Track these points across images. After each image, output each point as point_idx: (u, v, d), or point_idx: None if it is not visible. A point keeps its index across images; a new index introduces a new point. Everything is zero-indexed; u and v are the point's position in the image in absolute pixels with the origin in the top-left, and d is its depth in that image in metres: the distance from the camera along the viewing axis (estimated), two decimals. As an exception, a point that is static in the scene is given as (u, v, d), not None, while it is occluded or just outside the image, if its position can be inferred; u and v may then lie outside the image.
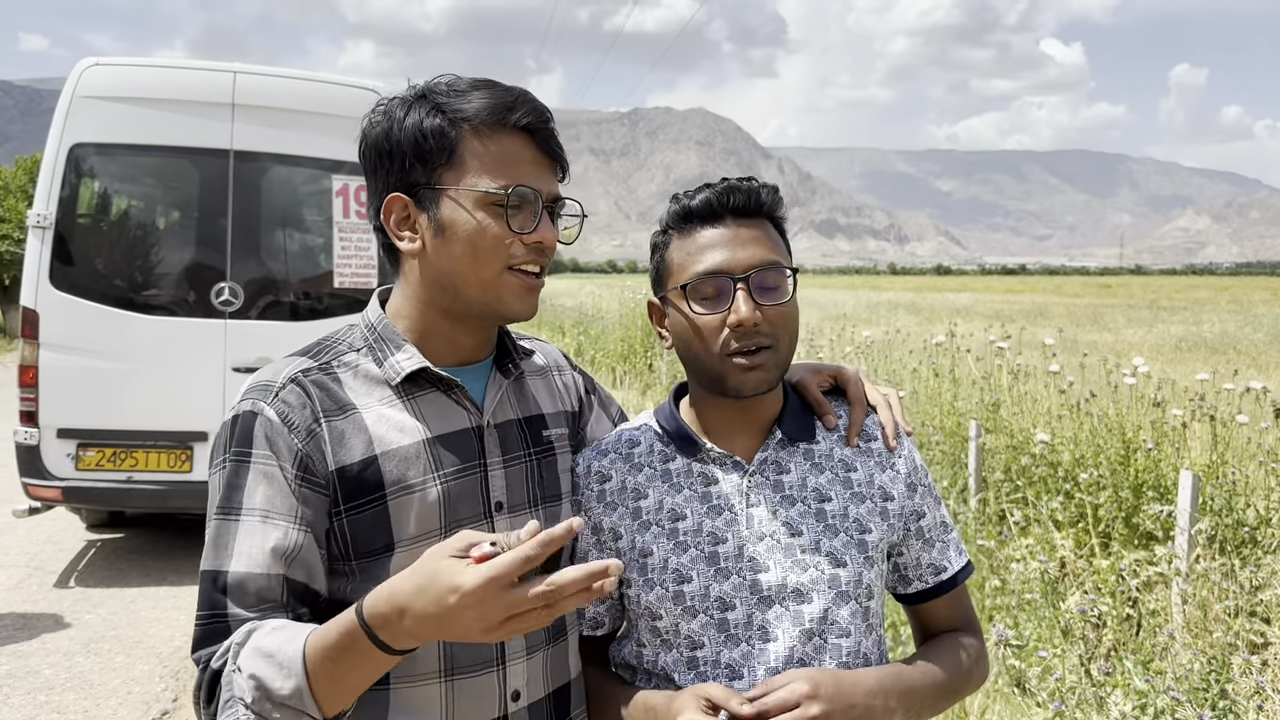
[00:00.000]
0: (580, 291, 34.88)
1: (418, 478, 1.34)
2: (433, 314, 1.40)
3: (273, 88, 6.03)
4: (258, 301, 6.02)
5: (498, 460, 1.42)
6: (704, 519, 1.43)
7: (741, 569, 1.40)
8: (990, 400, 7.19)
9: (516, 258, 1.33)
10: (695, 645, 1.40)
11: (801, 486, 1.44)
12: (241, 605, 1.24)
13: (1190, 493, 4.41)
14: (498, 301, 1.35)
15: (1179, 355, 16.68)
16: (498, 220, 1.32)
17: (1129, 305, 38.98)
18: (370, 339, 1.42)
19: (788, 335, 1.41)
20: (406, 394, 1.38)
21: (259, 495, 1.28)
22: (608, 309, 22.41)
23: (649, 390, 14.31)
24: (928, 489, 1.52)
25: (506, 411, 1.47)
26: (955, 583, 1.51)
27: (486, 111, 1.33)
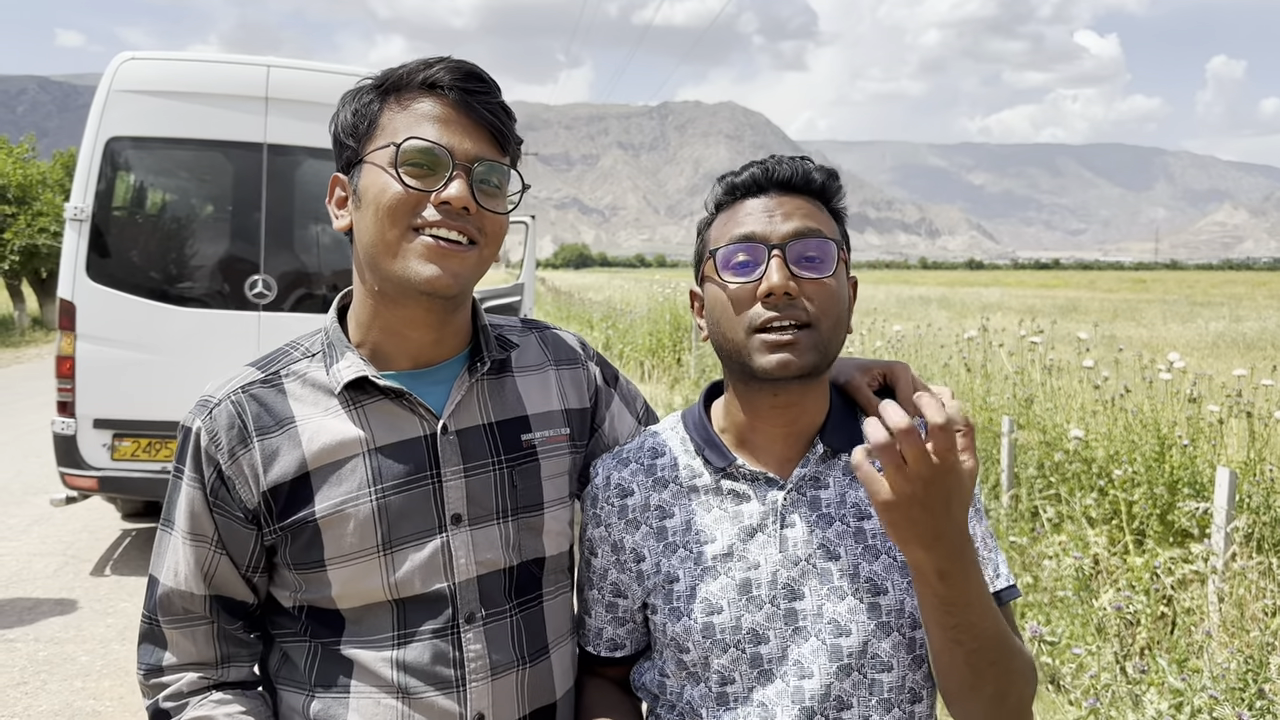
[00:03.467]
0: (608, 285, 34.94)
1: (350, 493, 1.28)
2: (373, 303, 1.32)
3: (305, 81, 6.07)
4: (291, 294, 6.07)
5: (456, 469, 1.32)
6: (735, 542, 1.29)
7: (775, 597, 1.26)
8: (1023, 396, 7.12)
9: (425, 220, 1.24)
10: (725, 680, 1.28)
11: (840, 503, 1.30)
12: (169, 616, 1.31)
13: (1227, 490, 4.35)
14: (405, 269, 1.24)
15: (1216, 351, 16.44)
16: (396, 179, 1.24)
17: (1164, 300, 38.47)
18: (324, 344, 1.36)
19: (831, 316, 1.25)
20: (353, 402, 1.31)
21: (184, 514, 1.30)
22: (636, 303, 22.41)
23: (677, 385, 14.30)
24: (976, 510, 1.34)
25: (472, 416, 1.36)
26: (999, 602, 1.32)
27: (406, 75, 1.28)
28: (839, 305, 1.27)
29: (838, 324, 1.27)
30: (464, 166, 1.25)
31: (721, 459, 1.33)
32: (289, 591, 1.32)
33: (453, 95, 1.27)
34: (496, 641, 1.33)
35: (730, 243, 1.27)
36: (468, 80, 1.27)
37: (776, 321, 1.22)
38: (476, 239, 1.27)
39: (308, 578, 1.29)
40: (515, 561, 1.35)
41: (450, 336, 1.36)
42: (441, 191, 1.23)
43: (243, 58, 6.10)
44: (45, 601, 5.73)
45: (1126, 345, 12.60)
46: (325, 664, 1.31)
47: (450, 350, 1.37)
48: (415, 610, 1.29)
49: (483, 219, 1.27)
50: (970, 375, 8.17)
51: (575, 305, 28.02)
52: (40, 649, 5.04)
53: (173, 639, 1.31)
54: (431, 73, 1.27)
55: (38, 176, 23.40)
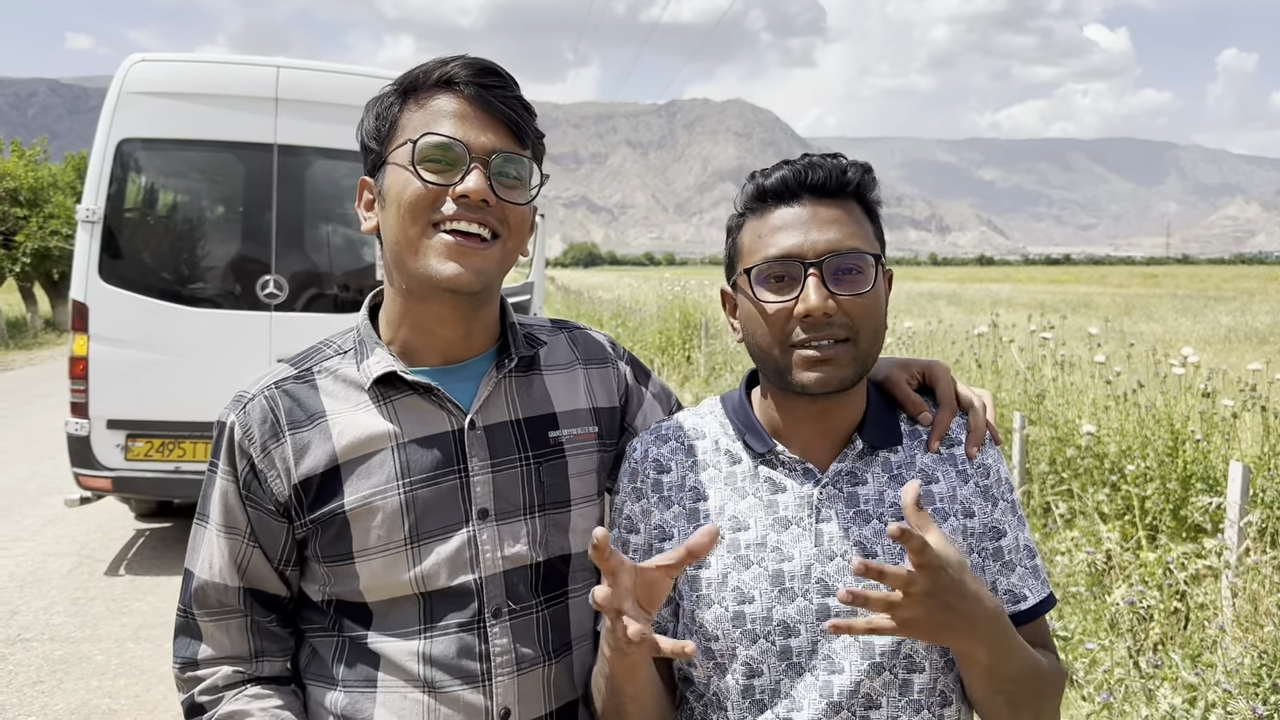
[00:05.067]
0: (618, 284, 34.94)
1: (379, 486, 1.30)
2: (402, 300, 1.34)
3: (315, 82, 6.09)
4: (302, 294, 6.10)
5: (484, 464, 1.33)
6: (769, 532, 1.28)
7: (808, 591, 1.24)
8: (1034, 391, 7.10)
9: (444, 215, 1.25)
10: (752, 673, 1.25)
11: (878, 501, 1.28)
12: (204, 609, 1.33)
13: (1241, 484, 4.33)
14: (427, 266, 1.25)
15: (1228, 346, 16.36)
16: (415, 175, 1.25)
17: (1176, 295, 38.30)
18: (356, 341, 1.39)
19: (870, 329, 1.24)
20: (382, 397, 1.33)
21: (219, 507, 1.33)
22: (645, 301, 22.41)
23: (687, 382, 14.30)
24: (1010, 506, 1.33)
25: (500, 412, 1.37)
26: (1035, 614, 1.31)
27: (423, 76, 1.30)
28: (877, 316, 1.26)
29: (876, 334, 1.26)
30: (481, 159, 1.25)
31: (762, 444, 1.32)
32: (318, 585, 1.34)
33: (468, 90, 1.28)
34: (523, 636, 1.33)
35: (765, 261, 1.24)
36: (482, 75, 1.28)
37: (814, 341, 1.22)
38: (499, 231, 1.28)
39: (336, 570, 1.31)
40: (541, 557, 1.36)
41: (478, 333, 1.37)
42: (459, 185, 1.24)
43: (252, 59, 6.12)
44: (60, 601, 5.77)
45: (1138, 340, 12.55)
46: (353, 658, 1.33)
47: (479, 347, 1.38)
48: (441, 604, 1.31)
49: (504, 211, 1.27)
50: (981, 371, 8.15)
51: (585, 304, 28.03)
52: (56, 648, 5.07)
53: (208, 631, 1.33)
54: (447, 70, 1.28)
55: (49, 179, 23.54)
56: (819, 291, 1.21)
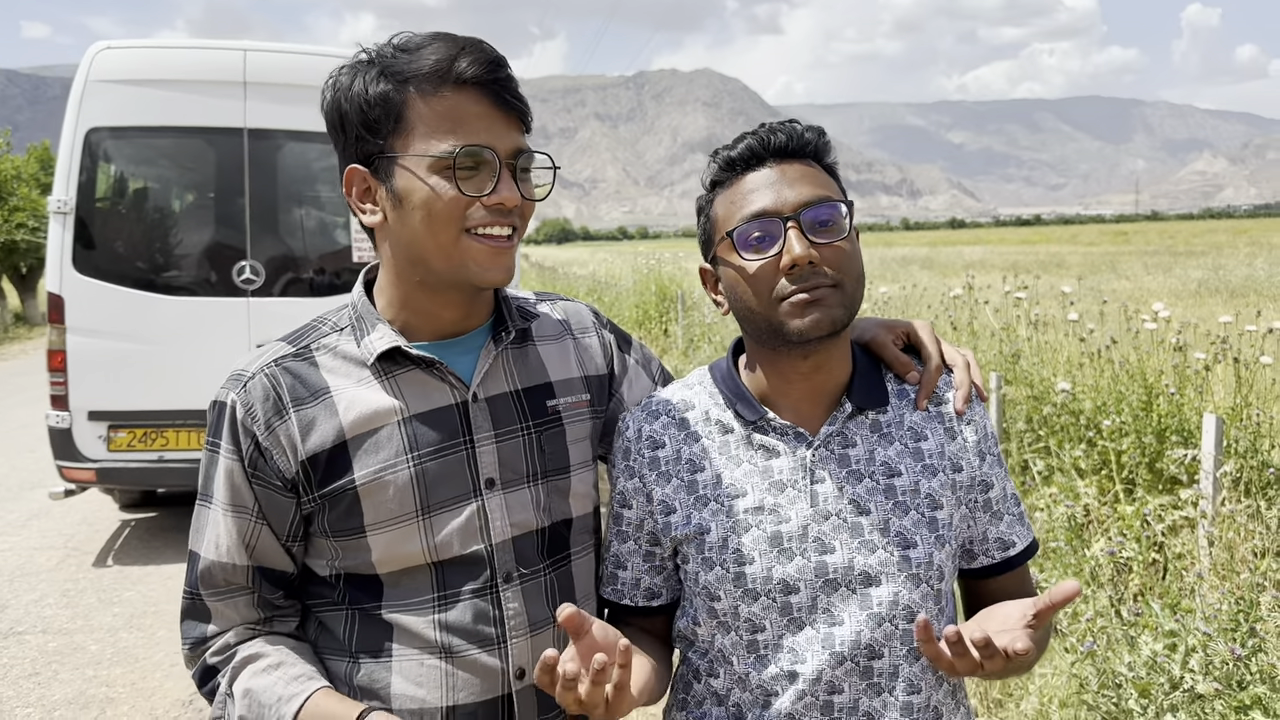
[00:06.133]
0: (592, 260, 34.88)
1: (388, 460, 1.31)
2: (408, 287, 1.34)
3: (282, 64, 6.04)
4: (279, 279, 6.07)
5: (488, 435, 1.36)
6: (765, 496, 1.32)
7: (806, 550, 1.29)
8: (1010, 351, 7.19)
9: (476, 221, 1.26)
10: (756, 629, 1.31)
11: (869, 460, 1.33)
12: (211, 589, 1.34)
13: (1214, 436, 4.42)
14: (463, 269, 1.28)
15: (1199, 299, 16.58)
16: (450, 184, 1.24)
17: (1146, 252, 38.66)
18: (353, 318, 1.39)
19: (852, 275, 1.29)
20: (385, 373, 1.34)
21: (224, 486, 1.32)
22: (620, 276, 22.39)
23: (665, 355, 14.34)
24: (996, 459, 1.39)
25: (499, 383, 1.40)
26: (1023, 559, 1.40)
27: (429, 69, 1.25)
28: (857, 262, 1.31)
29: (859, 280, 1.31)
30: (509, 164, 1.27)
31: (753, 412, 1.36)
32: (325, 560, 1.36)
33: (484, 91, 1.27)
34: (533, 599, 1.37)
35: (743, 221, 1.29)
36: (496, 70, 1.27)
37: (805, 288, 1.26)
38: (518, 226, 1.31)
39: (346, 544, 1.33)
40: (546, 523, 1.40)
41: (477, 309, 1.40)
42: (493, 194, 1.26)
43: (219, 43, 6.06)
44: (51, 594, 5.76)
45: (1110, 297, 12.70)
46: (365, 630, 1.35)
47: (476, 322, 1.41)
48: (454, 572, 1.34)
49: (523, 208, 1.30)
50: (957, 333, 8.23)
51: (561, 280, 27.97)
52: (49, 640, 5.07)
53: (216, 610, 1.34)
54: (463, 68, 1.25)
55: (12, 171, 23.15)
56: (801, 241, 1.26)
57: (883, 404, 1.36)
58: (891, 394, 1.39)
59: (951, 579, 1.36)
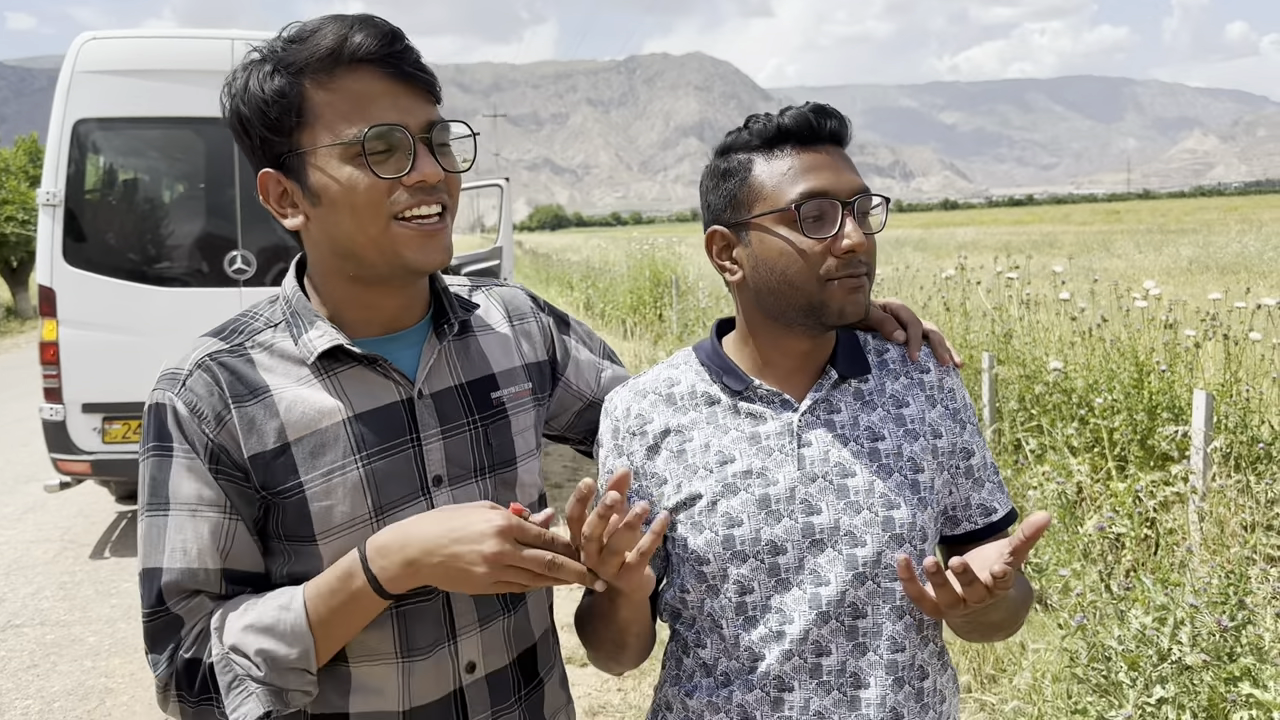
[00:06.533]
0: (585, 246, 34.83)
1: (336, 462, 1.26)
2: (342, 283, 1.29)
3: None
4: (271, 269, 6.06)
5: (434, 432, 1.32)
6: (753, 460, 1.36)
7: (794, 511, 1.33)
8: (1002, 331, 7.21)
9: (402, 205, 1.21)
10: (744, 590, 1.34)
11: (854, 425, 1.37)
12: (182, 601, 1.23)
13: (1205, 412, 4.45)
14: (397, 258, 1.23)
15: (1190, 277, 16.62)
16: (365, 171, 1.19)
17: (1137, 230, 38.71)
18: (287, 313, 1.31)
19: (875, 263, 1.37)
20: (326, 371, 1.28)
21: (185, 488, 1.23)
22: (614, 262, 22.38)
23: (660, 340, 14.36)
24: (975, 428, 1.44)
25: (444, 378, 1.36)
26: (1004, 525, 1.44)
27: (321, 54, 1.19)
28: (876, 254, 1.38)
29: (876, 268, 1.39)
30: (423, 139, 1.22)
31: (739, 382, 1.39)
32: (278, 562, 1.30)
33: (381, 66, 1.21)
34: (482, 594, 1.32)
35: (804, 197, 1.30)
36: (392, 43, 1.21)
37: (853, 273, 1.32)
38: (448, 204, 1.26)
39: (299, 550, 1.27)
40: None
41: (416, 301, 1.36)
42: (412, 172, 1.20)
43: (206, 32, 6.04)
44: (48, 586, 5.78)
45: (1102, 276, 12.73)
46: None
47: (416, 315, 1.37)
48: None
49: (449, 182, 1.26)
50: (950, 314, 8.26)
51: (554, 267, 27.95)
52: (47, 632, 5.09)
53: (189, 610, 1.24)
54: (355, 46, 1.19)
55: (0, 164, 23.05)
56: (858, 229, 1.31)
57: (865, 373, 1.41)
58: (873, 364, 1.44)
59: (934, 541, 1.40)
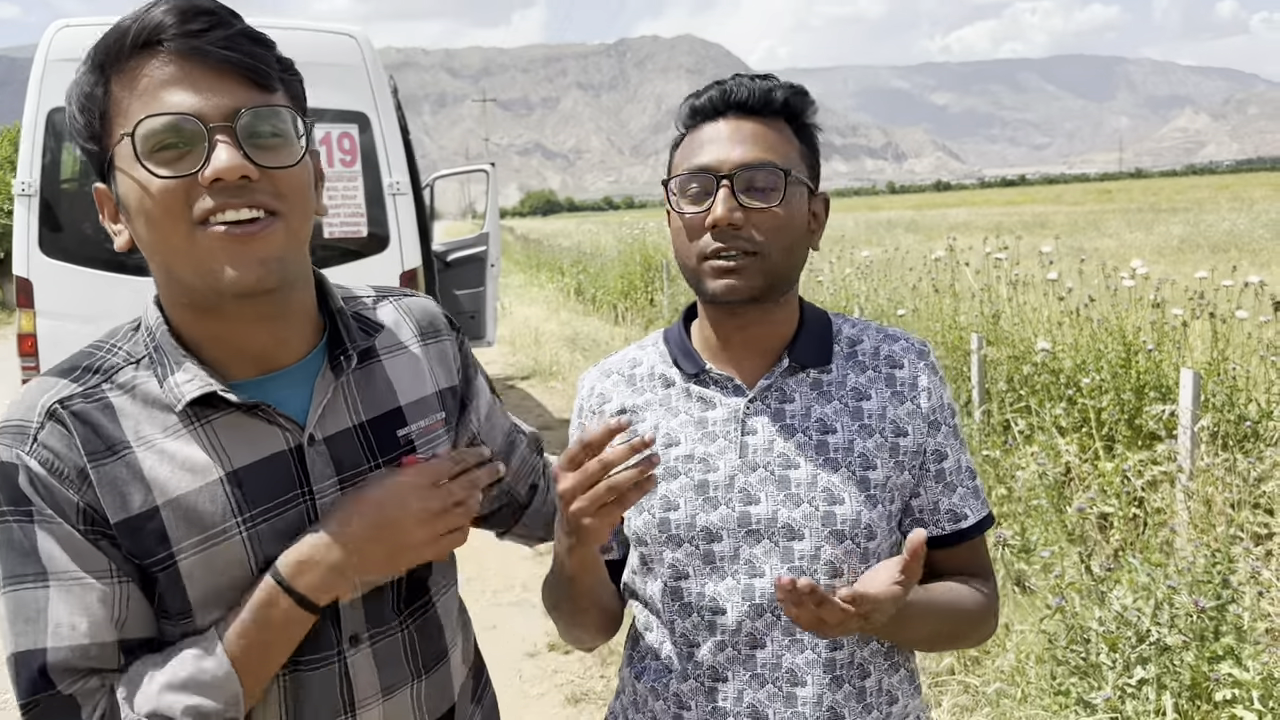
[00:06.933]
0: (577, 231, 34.74)
1: (214, 527, 1.08)
2: (185, 312, 1.11)
3: (251, 39, 5.95)
4: (251, 257, 6.01)
5: (330, 483, 1.15)
6: (697, 445, 1.34)
7: (731, 500, 1.31)
8: (990, 312, 7.19)
9: (207, 209, 1.01)
10: (679, 575, 1.33)
11: (805, 416, 1.33)
12: (76, 682, 1.05)
13: (1192, 390, 4.43)
14: (208, 275, 1.03)
15: (1180, 256, 16.63)
16: (150, 172, 1.01)
17: (1129, 209, 38.73)
18: (150, 347, 1.12)
19: (780, 244, 1.29)
20: (198, 419, 1.09)
21: (59, 555, 1.05)
22: (605, 246, 22.31)
23: (651, 325, 14.32)
24: (953, 430, 1.37)
25: (340, 418, 1.17)
26: (975, 532, 1.38)
27: (115, 41, 1.03)
28: (788, 233, 1.30)
29: (788, 250, 1.31)
30: (223, 127, 1.02)
31: (693, 365, 1.38)
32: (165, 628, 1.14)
33: (175, 46, 1.02)
34: (386, 661, 1.20)
35: (684, 173, 1.31)
36: (190, 20, 1.03)
37: (724, 251, 1.27)
38: (276, 208, 1.05)
39: (175, 625, 1.11)
40: (401, 573, 1.20)
41: (294, 331, 1.16)
42: (205, 169, 1.01)
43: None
44: None
45: (1092, 256, 12.71)
46: None
47: (299, 347, 1.17)
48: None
49: (274, 181, 1.05)
50: (939, 295, 8.23)
51: (545, 252, 27.86)
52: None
53: (85, 692, 1.06)
54: (147, 26, 1.02)
55: (-15, 155, 22.89)
56: (726, 203, 1.26)
57: (824, 362, 1.36)
58: (839, 355, 1.39)
59: (886, 541, 1.33)
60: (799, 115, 1.34)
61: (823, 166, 1.40)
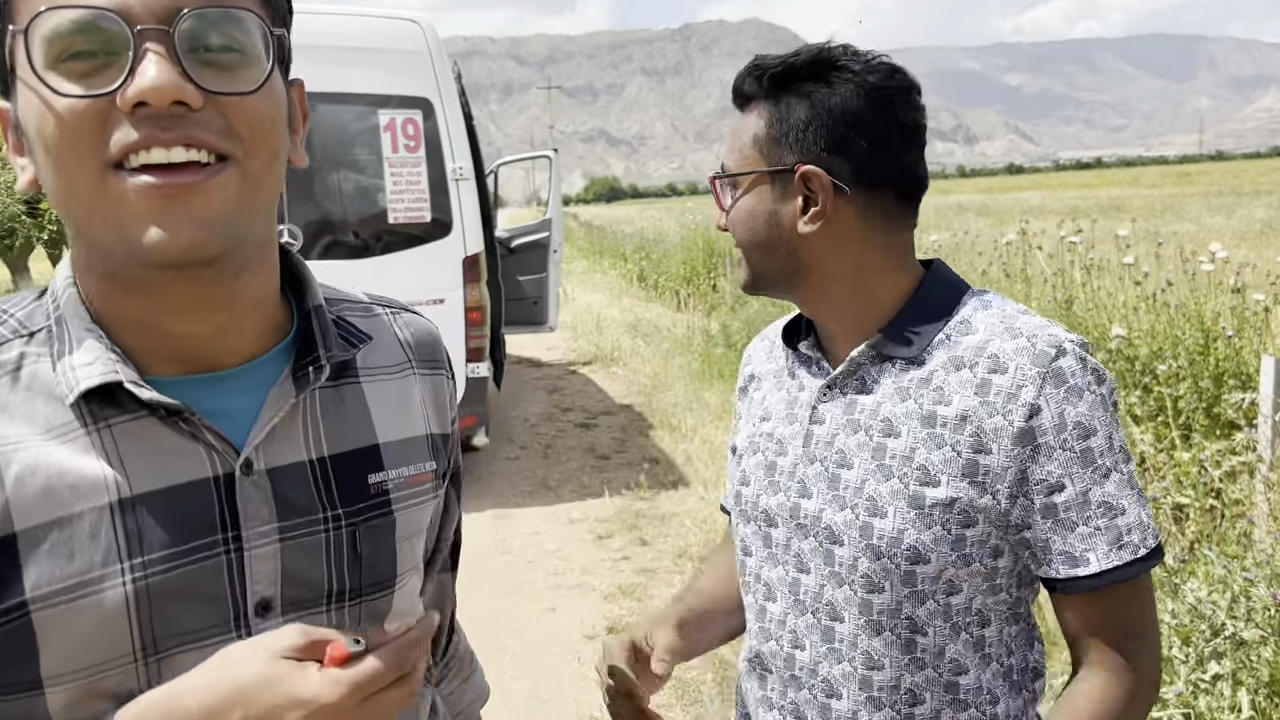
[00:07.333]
0: (640, 217, 34.72)
1: (90, 569, 0.77)
2: (105, 286, 0.82)
3: (316, 26, 6.01)
4: (317, 242, 6.11)
5: (266, 531, 0.84)
6: (779, 425, 1.29)
7: (790, 488, 1.24)
8: (1063, 297, 7.01)
9: (124, 145, 0.73)
10: (745, 551, 1.32)
11: (873, 413, 1.19)
12: None
13: (1273, 378, 4.28)
14: (121, 234, 0.75)
15: (1263, 240, 16.06)
16: (51, 89, 0.73)
17: (1209, 193, 37.48)
18: (52, 316, 0.84)
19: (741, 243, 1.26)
20: (95, 418, 0.80)
21: None
22: (668, 233, 22.28)
23: (714, 311, 14.25)
24: (1080, 456, 1.10)
25: (294, 446, 0.87)
26: (1098, 583, 1.11)
27: None
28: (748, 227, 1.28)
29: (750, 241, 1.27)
30: (156, 31, 0.73)
31: (794, 338, 1.34)
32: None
33: None
34: None
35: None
36: None
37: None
38: (225, 149, 0.76)
39: (16, 704, 0.79)
40: None
41: (241, 324, 0.86)
42: (128, 88, 0.72)
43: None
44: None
45: (1169, 240, 12.33)
46: None
47: (247, 345, 0.88)
48: None
49: (224, 112, 0.76)
50: (1010, 280, 8.05)
51: (608, 239, 27.91)
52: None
53: None
54: None
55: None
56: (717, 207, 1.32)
57: (913, 352, 1.19)
58: (940, 344, 1.19)
59: (943, 569, 1.16)
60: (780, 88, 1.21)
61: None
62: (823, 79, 1.19)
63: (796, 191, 1.19)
